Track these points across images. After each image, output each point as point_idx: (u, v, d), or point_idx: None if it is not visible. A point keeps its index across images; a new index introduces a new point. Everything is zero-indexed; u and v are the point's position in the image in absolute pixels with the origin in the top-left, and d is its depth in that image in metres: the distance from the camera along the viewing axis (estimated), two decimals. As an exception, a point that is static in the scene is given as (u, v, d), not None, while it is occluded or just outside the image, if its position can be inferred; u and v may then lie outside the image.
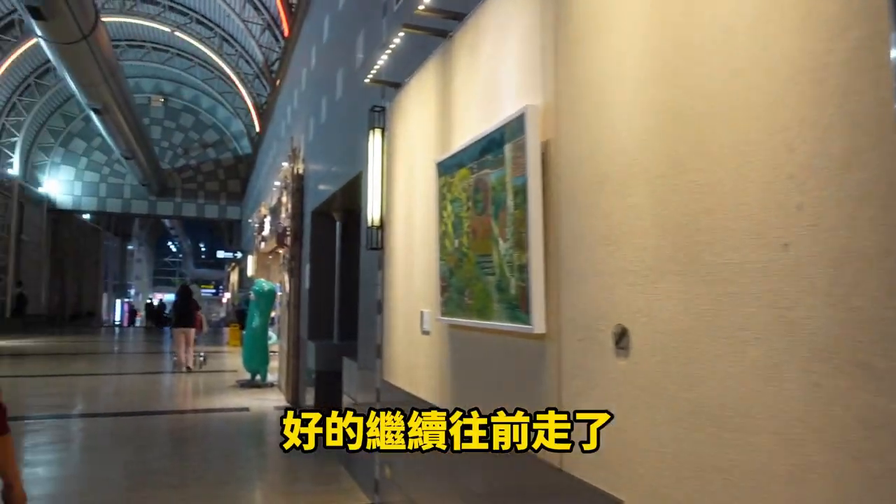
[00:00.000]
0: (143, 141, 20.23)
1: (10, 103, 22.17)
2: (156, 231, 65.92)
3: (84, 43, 11.46)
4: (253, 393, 10.01)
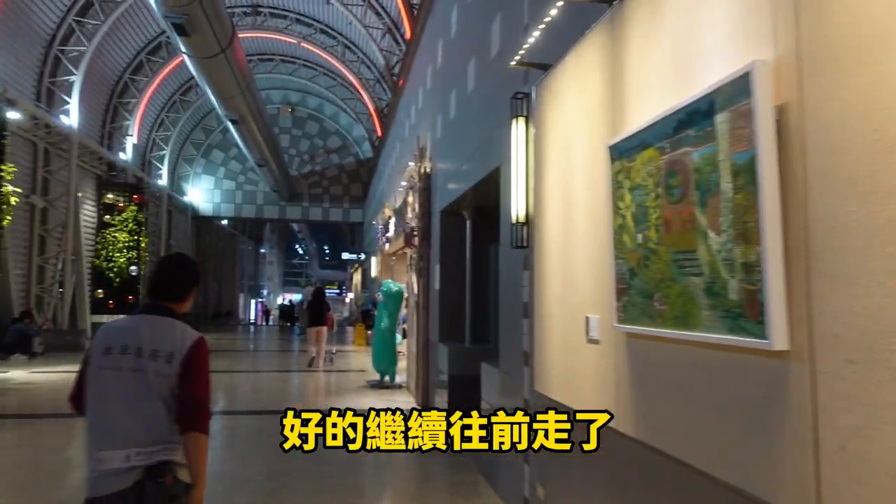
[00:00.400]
0: (273, 149, 21.27)
1: (158, 119, 24.18)
2: (284, 235, 69.96)
3: (222, 56, 12.11)
4: (382, 394, 10.00)
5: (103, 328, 2.45)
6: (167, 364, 2.27)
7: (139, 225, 19.67)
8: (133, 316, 2.45)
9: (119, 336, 2.33)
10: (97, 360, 2.30)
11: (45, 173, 15.78)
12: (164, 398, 2.25)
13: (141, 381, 2.25)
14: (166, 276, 2.51)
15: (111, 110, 19.84)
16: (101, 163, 18.97)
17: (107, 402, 2.26)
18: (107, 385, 2.27)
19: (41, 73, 15.54)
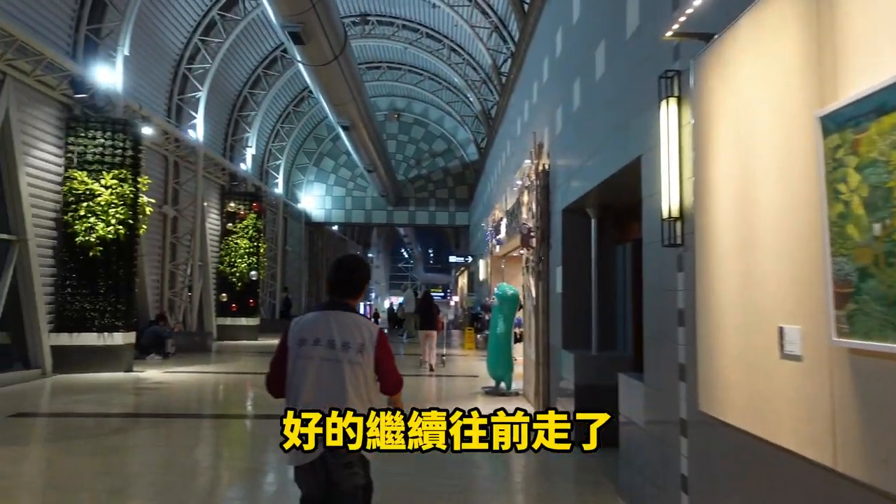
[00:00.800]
0: (382, 153, 21.59)
1: (274, 131, 25.29)
2: (390, 239, 71.68)
3: (335, 63, 12.31)
4: (498, 401, 9.62)
5: (296, 322, 2.83)
6: (359, 354, 2.69)
7: (258, 232, 20.56)
8: (320, 311, 2.82)
9: (311, 330, 2.74)
10: (293, 350, 2.73)
11: (175, 184, 16.79)
12: (353, 382, 2.66)
13: (334, 369, 2.67)
14: (342, 276, 2.87)
15: (232, 123, 20.91)
16: (223, 173, 20.01)
17: (301, 387, 2.68)
18: (302, 372, 2.69)
19: (171, 90, 16.57)
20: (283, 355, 2.78)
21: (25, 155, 10.84)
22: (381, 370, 2.79)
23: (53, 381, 10.83)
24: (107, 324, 11.74)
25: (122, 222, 11.85)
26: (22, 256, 10.83)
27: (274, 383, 2.83)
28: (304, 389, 2.68)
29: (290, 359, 2.75)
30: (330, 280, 2.89)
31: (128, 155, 12.12)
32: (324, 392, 2.65)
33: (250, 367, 14.24)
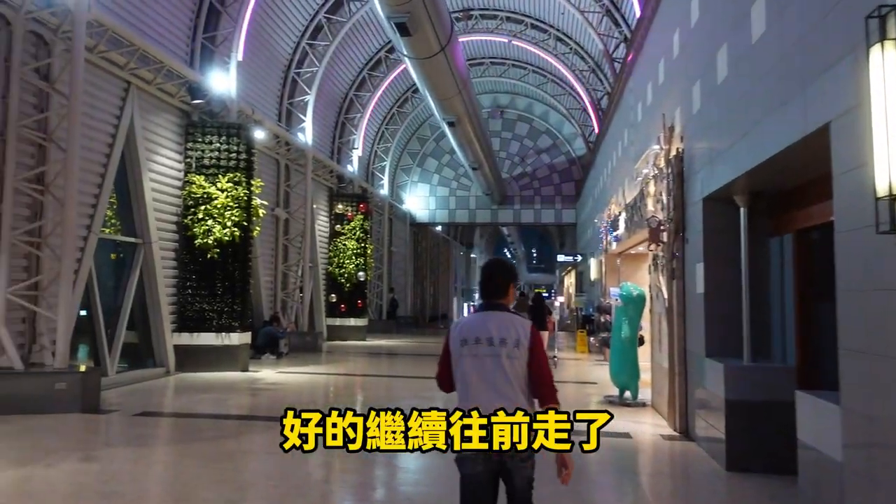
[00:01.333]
0: (487, 150, 21.06)
1: (379, 132, 25.47)
2: (493, 239, 71.17)
3: (441, 55, 11.92)
4: (624, 413, 8.76)
5: (456, 325, 3.06)
6: (515, 348, 2.90)
7: (365, 233, 20.66)
8: (478, 313, 3.06)
9: (471, 330, 2.97)
10: (457, 349, 2.97)
11: (286, 187, 17.11)
12: (514, 375, 2.89)
13: (496, 364, 2.89)
14: (492, 278, 3.08)
15: (339, 126, 21.17)
16: (331, 176, 20.28)
17: (468, 382, 2.91)
18: (468, 368, 2.93)
19: (281, 95, 16.91)
20: (446, 356, 3.05)
21: (148, 161, 11.24)
22: (532, 364, 2.95)
23: (176, 379, 11.14)
24: (224, 324, 11.98)
25: (237, 224, 12.05)
26: (147, 259, 11.24)
27: (444, 382, 3.09)
28: (471, 388, 2.92)
29: (454, 359, 3.00)
30: (482, 283, 3.12)
31: (241, 158, 12.33)
32: (489, 387, 2.89)
33: (360, 368, 14.16)
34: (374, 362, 15.51)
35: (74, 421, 7.39)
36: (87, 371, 8.36)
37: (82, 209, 9.45)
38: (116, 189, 10.69)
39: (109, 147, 10.22)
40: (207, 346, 11.89)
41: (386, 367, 14.82)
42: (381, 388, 11.50)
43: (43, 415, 7.50)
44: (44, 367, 8.30)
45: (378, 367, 14.89)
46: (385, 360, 16.12)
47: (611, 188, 15.59)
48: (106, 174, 10.11)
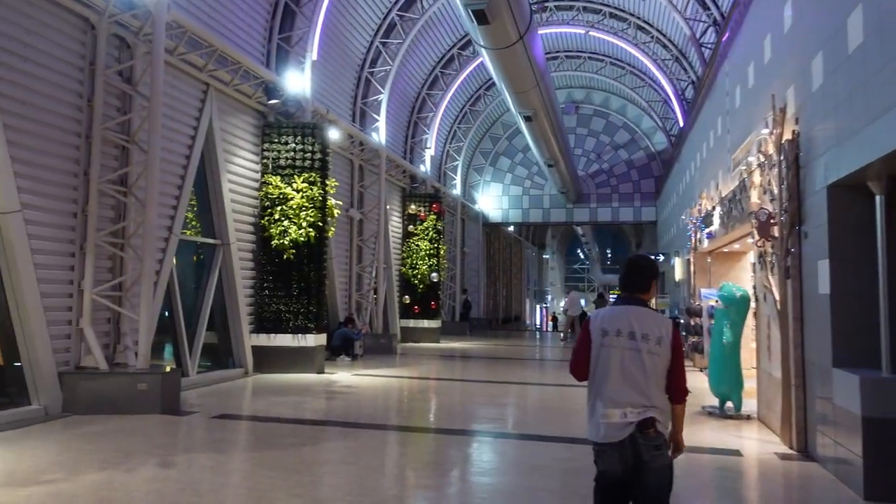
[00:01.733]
0: (564, 147, 20.31)
1: (451, 132, 25.15)
2: (565, 240, 69.70)
3: (519, 45, 11.40)
4: (727, 426, 7.97)
5: (596, 315, 3.10)
6: (657, 345, 2.97)
7: (438, 233, 20.36)
8: (618, 306, 3.10)
9: (612, 322, 3.02)
10: (597, 340, 3.03)
11: (360, 188, 17.00)
12: (652, 371, 2.97)
13: (635, 358, 2.96)
14: (635, 273, 3.14)
15: (411, 126, 20.98)
16: (404, 176, 20.09)
17: (607, 373, 2.99)
18: (606, 360, 3.00)
19: (355, 95, 16.82)
20: (586, 345, 3.09)
21: (226, 162, 11.28)
22: (673, 365, 3.02)
23: (254, 380, 11.11)
24: (300, 325, 11.88)
25: (313, 225, 11.94)
26: (225, 260, 11.28)
27: (580, 369, 3.13)
28: (608, 378, 2.99)
29: (594, 348, 3.06)
30: (624, 277, 3.17)
31: (317, 158, 12.22)
32: (627, 381, 2.97)
33: (435, 371, 13.80)
34: (448, 365, 15.13)
35: (155, 422, 7.34)
36: (167, 372, 8.36)
37: (163, 210, 9.52)
38: (196, 190, 10.76)
39: (189, 149, 10.29)
40: (284, 348, 11.83)
41: (460, 371, 14.40)
42: (457, 394, 11.08)
43: (125, 415, 7.50)
44: (127, 367, 8.35)
45: (452, 370, 14.49)
46: (459, 364, 15.70)
47: (700, 182, 14.59)
48: (186, 176, 10.18)
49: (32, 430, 6.84)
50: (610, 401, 2.95)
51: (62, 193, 7.96)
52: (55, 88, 7.82)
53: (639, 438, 2.90)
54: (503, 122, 28.74)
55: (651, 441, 2.91)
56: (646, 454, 2.89)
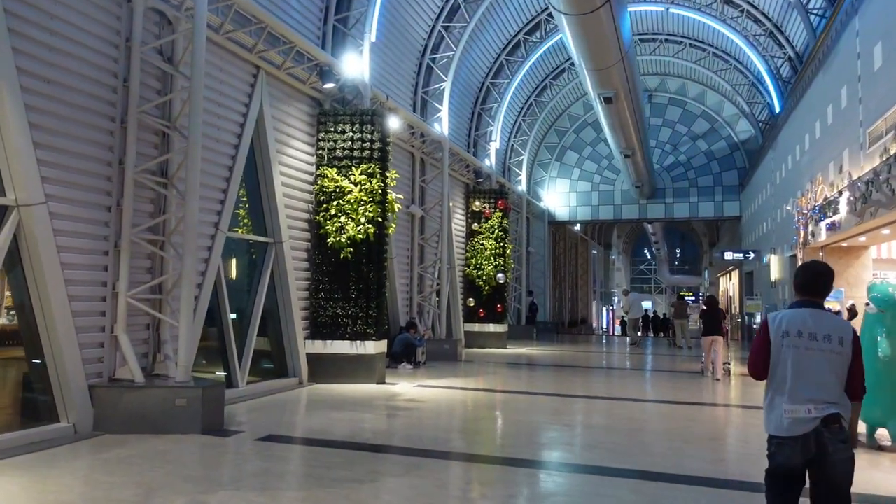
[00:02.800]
0: (643, 134, 18.61)
1: (516, 124, 23.77)
2: (631, 239, 66.87)
3: (605, 9, 9.95)
4: (879, 462, 6.35)
5: (775, 317, 3.30)
6: (839, 345, 3.16)
7: (504, 231, 19.03)
8: (799, 309, 3.30)
9: (793, 324, 3.23)
10: (777, 341, 3.25)
11: (422, 183, 15.89)
12: (833, 369, 3.16)
13: (818, 357, 3.16)
14: (816, 278, 3.34)
15: (475, 118, 19.75)
16: (468, 171, 18.86)
17: (788, 371, 3.19)
18: (789, 359, 3.21)
19: (416, 83, 15.74)
20: (766, 346, 3.26)
21: (279, 153, 10.33)
22: (853, 365, 3.18)
23: (309, 391, 10.11)
24: (359, 331, 10.82)
25: (372, 221, 10.85)
26: (278, 260, 10.33)
27: (760, 368, 3.31)
28: (790, 376, 3.18)
29: (774, 348, 3.24)
30: (804, 283, 3.33)
31: (376, 148, 11.13)
32: (810, 378, 3.15)
33: (501, 382, 12.43)
34: (514, 375, 13.77)
35: (192, 446, 6.35)
36: (210, 386, 7.37)
37: (208, 204, 8.60)
38: (245, 184, 9.84)
39: (238, 137, 9.37)
40: (341, 356, 10.78)
41: (526, 382, 13.03)
42: (527, 410, 9.61)
43: (162, 435, 6.55)
44: (166, 379, 7.42)
45: (518, 380, 13.13)
46: (525, 373, 14.34)
47: (810, 167, 12.74)
48: (234, 167, 9.25)
49: (58, 453, 5.96)
50: (793, 397, 3.15)
51: (94, 184, 7.09)
52: (85, 66, 6.96)
53: (824, 433, 3.07)
54: (570, 115, 27.17)
55: (836, 435, 3.08)
56: (831, 447, 3.05)
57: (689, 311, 22.02)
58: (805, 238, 12.30)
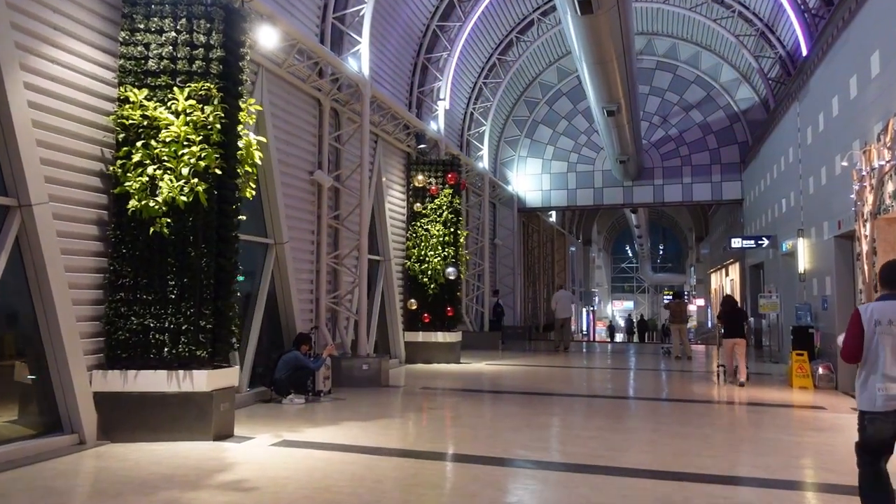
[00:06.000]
0: (632, 83, 14.50)
1: (475, 87, 19.62)
2: (612, 235, 63.20)
3: None
4: None
5: (866, 308, 3.93)
6: None
7: (456, 214, 14.88)
8: (886, 301, 3.90)
9: (883, 314, 3.82)
10: (869, 329, 3.83)
11: (335, 142, 11.70)
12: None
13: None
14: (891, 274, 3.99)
15: (418, 69, 15.55)
16: (408, 135, 14.66)
17: (880, 355, 3.77)
18: (883, 345, 3.79)
19: (323, 3, 11.40)
20: (860, 334, 3.84)
21: (30, 52, 6.03)
22: None
23: (96, 459, 5.83)
24: (182, 354, 6.59)
25: (204, 174, 6.63)
26: (29, 237, 6.03)
27: (854, 354, 3.88)
28: (882, 359, 3.76)
29: (867, 336, 3.82)
30: (886, 275, 4.00)
31: (215, 58, 6.91)
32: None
33: (440, 436, 7.77)
34: (462, 414, 9.01)
35: None
36: None
37: None
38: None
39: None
40: (153, 396, 6.54)
41: (487, 432, 7.71)
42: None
43: None
44: None
45: (468, 428, 7.97)
46: (481, 409, 9.43)
47: (870, 110, 8.76)
48: None
49: None
50: (886, 377, 3.72)
51: None
52: None
53: None
54: (542, 83, 23.14)
55: None
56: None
57: (690, 314, 18.15)
58: (875, 205, 8.30)
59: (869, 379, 3.77)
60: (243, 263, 10.17)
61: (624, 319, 46.39)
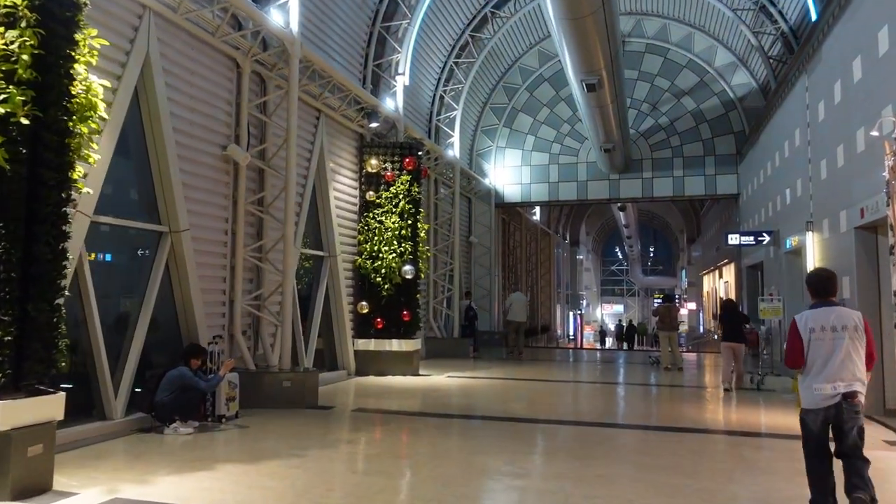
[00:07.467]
0: (613, 59, 12.65)
1: (445, 67, 17.71)
2: (601, 238, 61.46)
3: None
4: None
5: (801, 316, 4.38)
6: (855, 331, 4.26)
7: (415, 204, 12.98)
8: (818, 308, 4.36)
9: (817, 321, 4.29)
10: (806, 335, 4.31)
11: (259, 112, 9.78)
12: (856, 352, 4.24)
13: (842, 345, 4.22)
14: (825, 282, 4.49)
15: (373, 39, 13.63)
16: (360, 113, 12.75)
17: (821, 359, 4.26)
18: (820, 349, 4.26)
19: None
20: (800, 341, 4.33)
21: None
22: (868, 344, 4.31)
23: None
24: None
25: (1, 123, 4.69)
26: None
27: (798, 361, 4.36)
28: (820, 362, 4.25)
29: (805, 342, 4.30)
30: (816, 287, 4.48)
31: (30, -33, 4.96)
32: (836, 362, 4.21)
33: (376, 484, 5.98)
34: (388, 457, 6.83)
35: None
36: None
37: None
38: None
39: None
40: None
41: (407, 483, 6.11)
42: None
43: None
44: None
45: (391, 480, 5.64)
46: (423, 446, 7.07)
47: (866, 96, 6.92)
48: None
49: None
50: (823, 378, 4.20)
51: None
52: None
53: (843, 405, 4.16)
54: (522, 68, 21.30)
55: (852, 407, 4.17)
56: (846, 415, 4.14)
57: (681, 319, 16.46)
58: (893, 195, 6.46)
59: (810, 381, 4.30)
60: (126, 255, 8.23)
61: (614, 325, 44.45)
